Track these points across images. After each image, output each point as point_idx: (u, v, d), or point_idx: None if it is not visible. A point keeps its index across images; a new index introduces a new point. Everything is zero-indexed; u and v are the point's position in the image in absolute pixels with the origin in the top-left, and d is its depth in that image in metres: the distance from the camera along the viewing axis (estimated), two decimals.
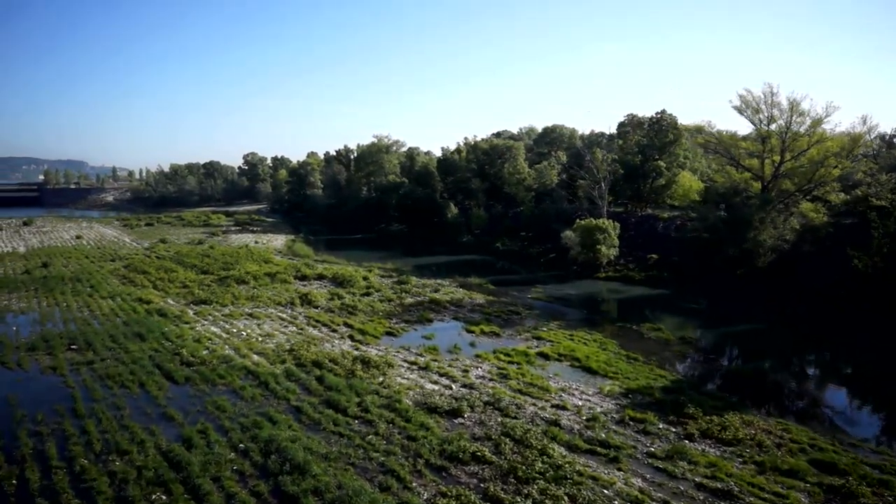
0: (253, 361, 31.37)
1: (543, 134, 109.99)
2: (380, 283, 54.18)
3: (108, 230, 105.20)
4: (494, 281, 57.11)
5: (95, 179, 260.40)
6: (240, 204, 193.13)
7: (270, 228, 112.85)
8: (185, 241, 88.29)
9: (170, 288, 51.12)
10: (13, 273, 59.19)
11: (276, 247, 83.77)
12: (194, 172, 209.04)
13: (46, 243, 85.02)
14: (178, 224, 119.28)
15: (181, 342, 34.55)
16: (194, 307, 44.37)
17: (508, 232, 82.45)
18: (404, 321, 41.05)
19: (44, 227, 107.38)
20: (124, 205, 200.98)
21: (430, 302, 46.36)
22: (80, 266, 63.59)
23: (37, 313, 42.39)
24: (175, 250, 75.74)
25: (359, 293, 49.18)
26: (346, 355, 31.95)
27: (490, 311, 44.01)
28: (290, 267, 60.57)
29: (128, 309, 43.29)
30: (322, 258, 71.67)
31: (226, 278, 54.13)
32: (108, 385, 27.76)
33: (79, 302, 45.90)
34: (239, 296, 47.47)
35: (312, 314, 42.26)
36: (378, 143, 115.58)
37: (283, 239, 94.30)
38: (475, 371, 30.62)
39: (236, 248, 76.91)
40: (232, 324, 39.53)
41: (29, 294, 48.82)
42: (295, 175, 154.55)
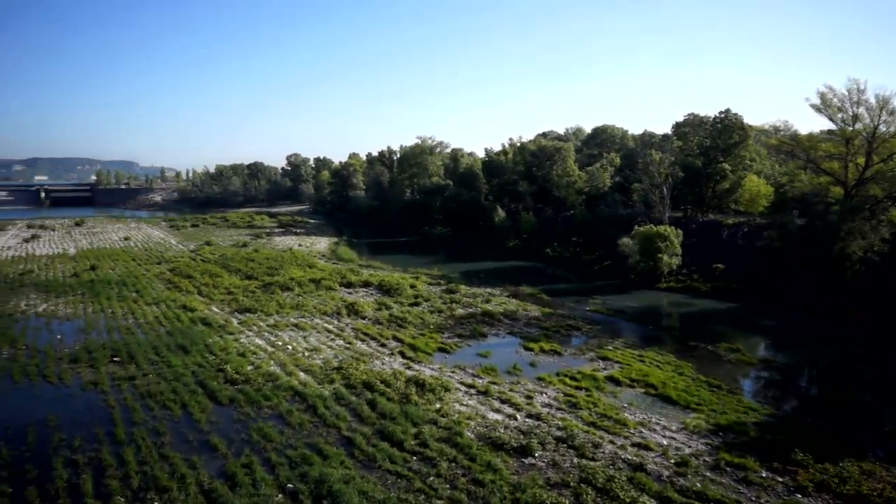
0: (300, 380, 29.31)
1: (593, 135, 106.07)
2: (428, 291, 51.82)
3: (155, 231, 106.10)
4: (547, 290, 54.07)
5: (144, 180, 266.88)
6: (282, 205, 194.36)
7: (313, 230, 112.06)
8: (230, 243, 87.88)
9: (214, 294, 49.87)
10: (62, 276, 59.14)
11: (320, 250, 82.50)
12: (239, 173, 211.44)
13: (95, 245, 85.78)
14: (223, 225, 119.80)
15: (225, 356, 32.85)
16: (239, 316, 42.85)
17: (558, 237, 79.10)
18: (457, 336, 38.50)
19: (94, 228, 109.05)
20: (171, 205, 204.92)
21: (483, 314, 43.69)
22: (127, 269, 63.30)
23: (82, 320, 41.50)
24: (220, 253, 75.14)
25: (407, 303, 46.90)
26: (398, 376, 29.58)
27: (548, 326, 41.06)
28: (334, 273, 58.81)
29: (172, 317, 42.05)
30: (366, 263, 69.86)
31: (270, 284, 52.64)
32: (149, 405, 26.05)
33: (123, 308, 44.96)
34: (284, 304, 45.77)
35: (360, 326, 40.12)
36: (422, 144, 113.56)
37: (326, 242, 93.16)
38: (540, 397, 27.82)
39: (280, 252, 75.87)
40: (277, 335, 37.69)
41: (76, 299, 48.24)
42: (337, 176, 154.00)
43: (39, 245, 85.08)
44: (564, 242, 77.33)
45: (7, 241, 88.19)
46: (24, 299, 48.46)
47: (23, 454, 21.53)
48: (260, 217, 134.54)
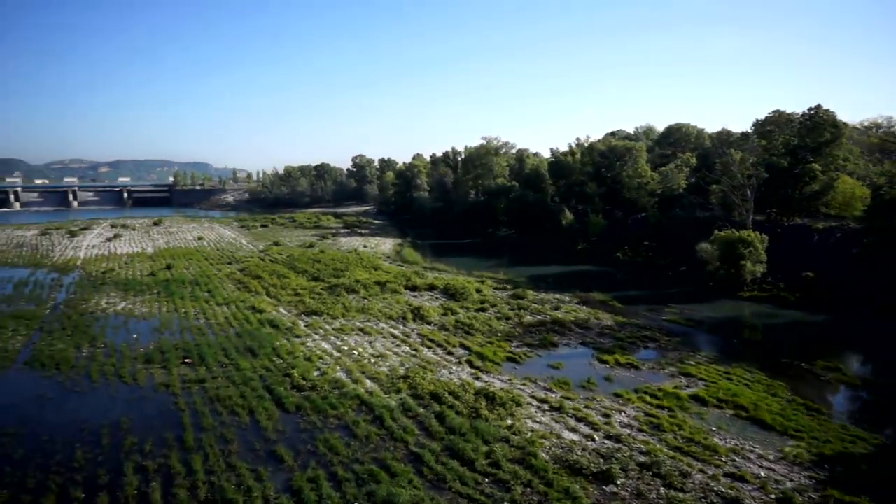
0: (366, 389, 28.62)
1: (666, 133, 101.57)
2: (494, 296, 50.42)
3: (227, 231, 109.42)
4: (619, 297, 51.54)
5: (218, 181, 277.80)
6: (348, 205, 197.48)
7: (378, 231, 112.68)
8: (297, 243, 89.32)
9: (282, 295, 50.28)
10: (140, 275, 61.36)
11: (385, 251, 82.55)
12: (306, 174, 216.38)
13: (171, 244, 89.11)
14: (290, 225, 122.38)
15: (292, 360, 32.67)
16: (305, 318, 42.84)
17: (629, 241, 75.93)
18: (526, 345, 36.95)
19: (170, 228, 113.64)
20: (242, 205, 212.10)
21: (553, 322, 41.90)
22: (200, 269, 65.07)
23: (156, 320, 42.56)
24: (287, 253, 76.31)
25: (473, 308, 45.69)
26: (466, 387, 28.41)
27: (622, 336, 38.86)
28: (399, 275, 58.32)
29: (241, 318, 42.51)
30: (431, 265, 69.13)
31: (336, 286, 52.65)
32: (217, 410, 25.97)
33: (196, 308, 45.88)
34: (349, 307, 45.52)
35: (426, 332, 39.21)
36: (487, 144, 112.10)
37: (391, 243, 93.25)
38: (619, 416, 25.97)
39: (345, 253, 76.31)
40: (343, 340, 37.29)
41: (152, 298, 49.72)
42: (401, 177, 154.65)
43: (121, 244, 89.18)
44: (636, 246, 74.12)
45: (92, 240, 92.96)
46: (104, 297, 50.38)
47: (96, 458, 21.71)
48: (326, 217, 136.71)
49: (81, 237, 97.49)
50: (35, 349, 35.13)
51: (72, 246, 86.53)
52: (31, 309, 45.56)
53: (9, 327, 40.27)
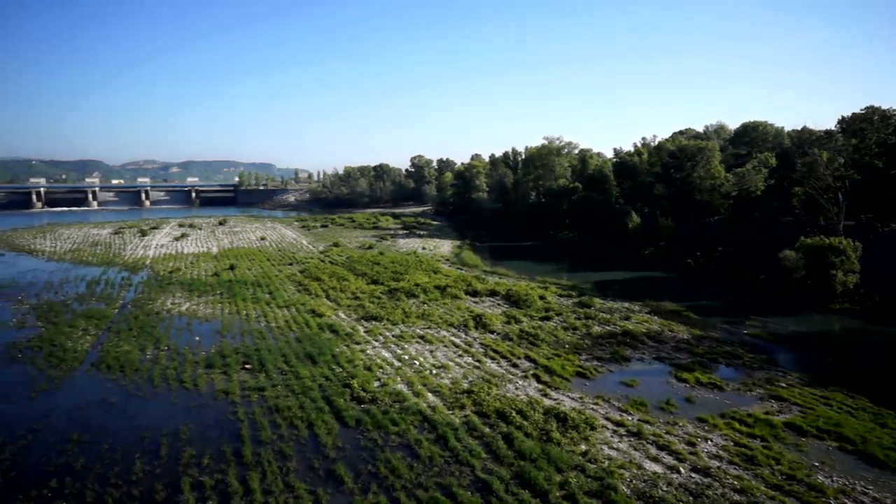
0: (428, 403, 27.21)
1: (741, 132, 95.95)
2: (559, 304, 48.23)
3: (288, 231, 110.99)
4: (693, 307, 48.24)
5: (280, 181, 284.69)
6: (405, 206, 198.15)
7: (436, 233, 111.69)
8: (357, 245, 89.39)
9: (341, 299, 49.69)
10: (204, 275, 62.34)
11: (443, 254, 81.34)
12: (365, 175, 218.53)
13: (235, 244, 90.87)
14: (350, 226, 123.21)
15: (352, 369, 31.66)
16: (365, 324, 41.94)
17: (701, 246, 71.82)
18: (596, 358, 34.68)
19: (235, 228, 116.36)
20: (303, 205, 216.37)
21: (623, 333, 39.39)
22: (262, 270, 65.62)
23: (219, 322, 42.63)
24: (347, 255, 76.23)
25: (537, 317, 43.66)
26: (535, 405, 26.55)
27: (700, 352, 35.99)
28: (459, 279, 56.84)
29: (301, 322, 42.03)
30: (491, 269, 67.32)
31: (396, 290, 51.69)
32: (276, 422, 25.12)
33: (257, 311, 45.82)
34: (410, 312, 44.35)
35: (489, 341, 37.52)
36: (548, 144, 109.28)
37: (449, 245, 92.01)
38: (705, 444, 23.53)
39: (405, 255, 75.52)
40: (403, 348, 36.08)
41: (215, 299, 50.11)
42: (460, 178, 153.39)
43: (187, 243, 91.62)
44: (709, 252, 69.98)
45: (161, 240, 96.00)
46: (170, 297, 51.16)
47: (154, 470, 21.13)
48: (384, 218, 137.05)
49: (151, 236, 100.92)
50: (102, 350, 35.56)
51: (142, 245, 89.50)
52: (100, 308, 46.61)
53: (79, 326, 41.18)
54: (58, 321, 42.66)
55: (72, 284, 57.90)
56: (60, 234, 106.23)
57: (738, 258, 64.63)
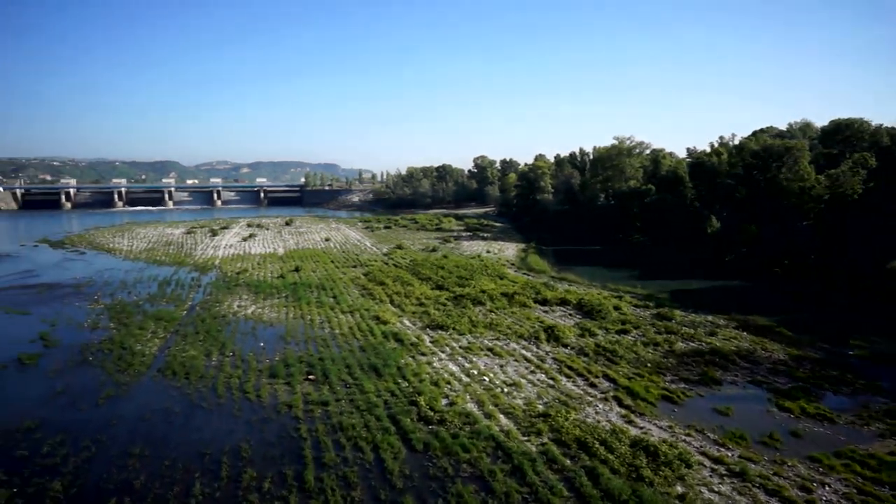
0: (500, 426, 25.16)
1: (832, 130, 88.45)
2: (636, 315, 45.10)
3: (352, 232, 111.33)
4: (786, 322, 43.89)
5: (345, 182, 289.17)
6: (468, 206, 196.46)
7: (500, 235, 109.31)
8: (420, 247, 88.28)
9: (406, 305, 48.29)
10: (270, 277, 62.49)
11: (508, 258, 78.97)
12: (428, 175, 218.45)
13: (300, 245, 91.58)
14: (412, 227, 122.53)
15: (418, 383, 30.00)
16: (430, 333, 40.28)
17: (790, 253, 66.41)
18: (682, 380, 31.63)
19: (300, 228, 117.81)
20: (367, 205, 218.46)
21: (711, 352, 35.99)
22: (326, 272, 65.26)
23: (283, 327, 42.00)
24: (410, 258, 75.10)
25: (613, 330, 40.77)
26: (620, 435, 24.01)
27: (802, 376, 32.27)
28: (527, 286, 54.45)
29: (365, 329, 40.83)
30: (560, 275, 64.44)
31: (461, 297, 49.87)
32: (340, 442, 23.70)
33: (321, 316, 45.01)
34: (477, 322, 42.39)
35: (562, 356, 35.04)
36: (619, 144, 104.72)
37: (514, 248, 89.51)
38: (822, 492, 20.43)
39: (469, 259, 73.68)
40: (471, 361, 34.14)
41: (280, 303, 49.75)
42: (524, 179, 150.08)
43: (254, 244, 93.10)
44: (799, 260, 64.56)
45: (230, 240, 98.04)
46: (237, 300, 51.23)
47: (213, 493, 20.08)
48: (447, 220, 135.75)
49: (220, 236, 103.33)
50: (169, 354, 35.41)
51: (212, 245, 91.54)
52: (169, 310, 47.01)
53: (149, 328, 41.47)
54: (129, 322, 43.18)
55: (144, 284, 59.18)
56: (137, 233, 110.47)
57: (833, 267, 59.14)
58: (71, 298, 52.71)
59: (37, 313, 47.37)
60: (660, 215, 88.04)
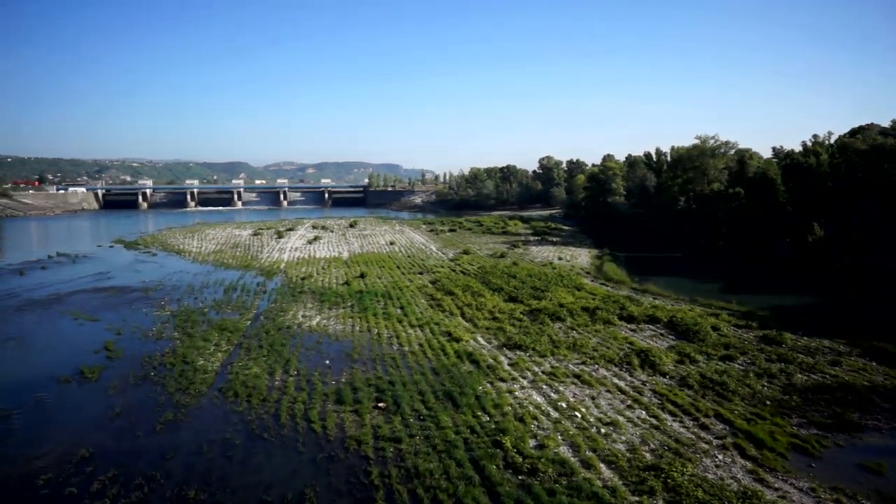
0: (603, 480, 21.31)
1: None
2: (738, 337, 39.98)
3: (417, 235, 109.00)
4: None
5: (408, 182, 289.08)
6: (532, 208, 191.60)
7: (569, 239, 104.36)
8: (487, 252, 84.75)
9: (478, 319, 44.88)
10: (335, 283, 60.48)
11: (582, 265, 74.28)
12: (492, 176, 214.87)
13: (365, 248, 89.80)
14: (477, 230, 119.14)
15: (500, 417, 26.53)
16: (508, 354, 36.68)
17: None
18: (812, 423, 26.70)
19: (364, 231, 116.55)
20: (429, 206, 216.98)
21: (840, 387, 30.64)
22: (392, 279, 62.72)
23: (349, 342, 39.42)
24: (479, 264, 71.70)
25: (716, 356, 35.92)
26: (753, 500, 19.71)
27: None
28: (609, 300, 49.99)
29: (436, 347, 37.66)
30: (641, 287, 59.25)
31: (538, 311, 46.03)
32: (417, 494, 20.54)
33: (389, 330, 42.23)
34: (558, 341, 38.45)
35: (662, 388, 30.67)
36: (701, 144, 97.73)
37: (586, 255, 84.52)
38: None
39: (541, 267, 69.56)
40: (557, 390, 30.33)
41: (345, 313, 47.36)
42: (594, 180, 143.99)
43: (319, 247, 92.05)
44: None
45: (295, 242, 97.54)
46: (301, 308, 49.25)
47: None
48: (513, 222, 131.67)
49: (286, 238, 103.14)
50: (231, 371, 33.35)
51: (277, 248, 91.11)
52: (234, 320, 45.42)
53: (212, 340, 39.79)
54: (193, 332, 41.71)
55: (211, 290, 58.33)
56: (206, 234, 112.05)
57: None
58: (139, 304, 52.19)
59: (105, 320, 46.83)
60: (748, 221, 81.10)
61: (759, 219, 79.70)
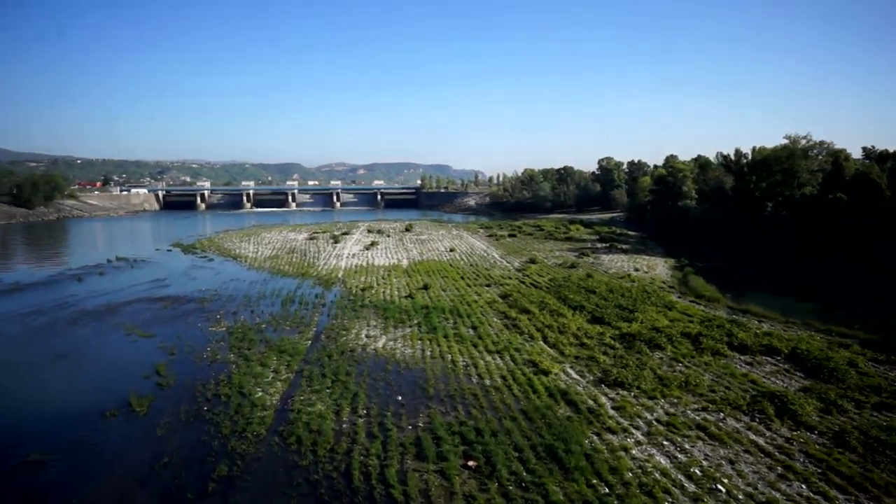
0: None
1: None
2: (883, 376, 33.27)
3: (476, 241, 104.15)
4: None
5: (460, 184, 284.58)
6: (591, 211, 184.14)
7: (639, 247, 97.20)
8: (555, 261, 79.06)
9: (563, 345, 39.57)
10: (398, 296, 56.20)
11: (661, 277, 67.79)
12: (548, 178, 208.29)
13: (424, 255, 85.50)
14: (538, 235, 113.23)
15: (622, 488, 21.47)
16: (607, 391, 31.31)
17: None
18: None
19: (421, 235, 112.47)
20: (483, 208, 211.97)
21: None
22: (458, 291, 58.02)
23: (421, 371, 34.85)
24: (549, 275, 66.25)
25: (868, 403, 29.53)
26: None
27: None
28: (710, 323, 43.83)
29: (522, 381, 32.65)
30: (739, 306, 52.37)
31: (630, 336, 40.41)
32: None
33: (464, 357, 37.48)
34: (665, 378, 32.73)
35: (814, 448, 24.65)
36: (790, 145, 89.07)
37: (663, 265, 77.67)
38: None
39: (618, 280, 63.60)
40: (683, 448, 24.81)
41: (413, 333, 42.86)
42: (661, 182, 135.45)
43: (377, 253, 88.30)
44: None
45: (352, 248, 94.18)
46: (364, 326, 45.13)
47: None
48: (574, 227, 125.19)
49: (342, 243, 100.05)
50: (292, 408, 29.23)
51: (334, 254, 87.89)
52: (293, 339, 41.58)
53: (270, 365, 35.95)
54: (249, 354, 38.03)
55: (267, 301, 55.04)
56: (262, 237, 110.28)
57: None
58: (194, 317, 49.23)
59: (159, 335, 43.86)
60: (850, 230, 72.60)
61: (859, 221, 71.34)
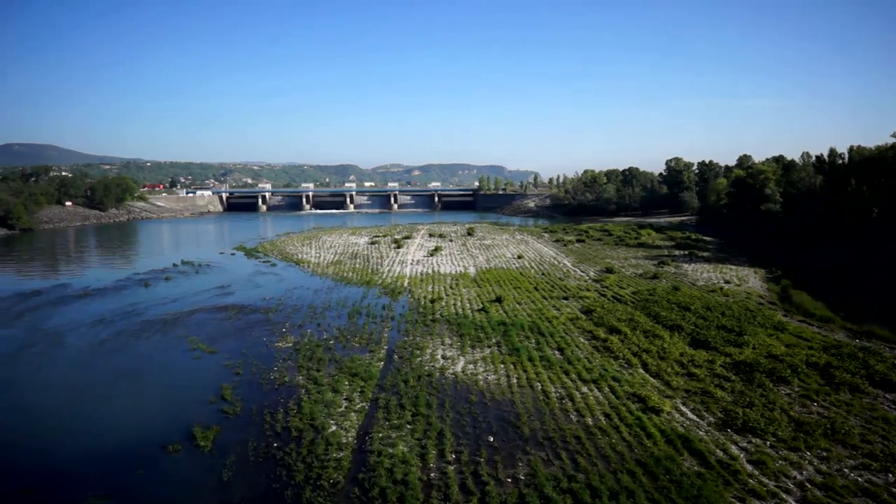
0: None
1: None
2: None
3: (543, 247, 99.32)
4: None
5: (519, 185, 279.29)
6: (658, 214, 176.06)
7: (720, 254, 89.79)
8: (633, 271, 73.52)
9: (668, 374, 34.72)
10: (470, 309, 52.39)
11: (756, 291, 61.33)
12: (612, 179, 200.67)
13: (491, 263, 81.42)
14: (608, 241, 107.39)
15: None
16: (738, 440, 26.37)
17: None
18: None
19: (485, 240, 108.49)
20: (543, 211, 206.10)
21: None
22: (534, 305, 53.73)
23: (509, 403, 30.86)
24: (631, 288, 61.05)
25: None
26: None
27: None
28: (838, 351, 37.93)
29: (630, 421, 28.16)
30: (859, 328, 45.88)
31: (746, 366, 35.19)
32: None
33: (555, 385, 33.25)
34: (803, 422, 27.49)
35: None
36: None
37: (753, 275, 70.78)
38: None
39: (709, 293, 57.82)
40: None
41: (493, 355, 38.92)
42: (738, 185, 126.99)
43: (442, 260, 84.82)
44: None
45: (415, 254, 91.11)
46: (439, 345, 41.53)
47: None
48: (645, 231, 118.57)
49: (405, 248, 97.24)
50: (371, 449, 25.68)
51: (398, 259, 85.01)
52: (365, 359, 38.33)
53: (342, 391, 32.71)
54: (319, 377, 34.95)
55: (333, 312, 52.32)
56: (323, 241, 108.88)
57: None
58: (259, 330, 46.88)
59: (223, 350, 41.59)
60: None
61: None
